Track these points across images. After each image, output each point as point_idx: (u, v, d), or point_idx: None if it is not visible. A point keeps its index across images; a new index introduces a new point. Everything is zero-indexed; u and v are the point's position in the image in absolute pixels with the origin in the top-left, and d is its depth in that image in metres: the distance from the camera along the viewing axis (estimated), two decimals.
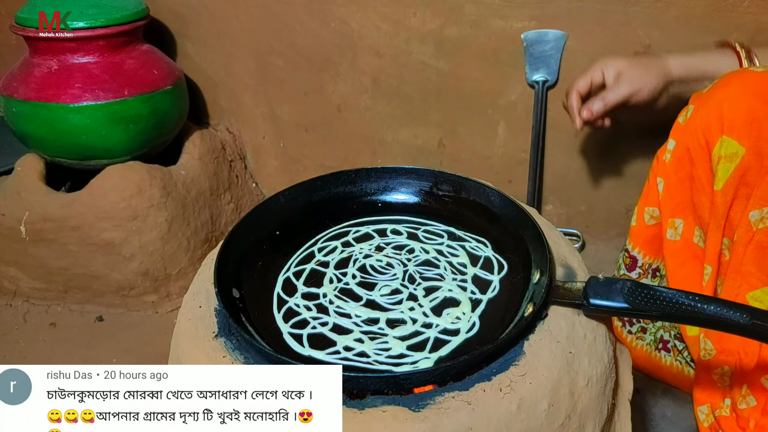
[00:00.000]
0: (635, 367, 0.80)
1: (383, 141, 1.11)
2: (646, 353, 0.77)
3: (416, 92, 1.04)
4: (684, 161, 0.64)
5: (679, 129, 0.64)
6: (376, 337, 0.50)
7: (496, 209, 0.64)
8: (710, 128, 0.59)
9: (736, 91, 0.58)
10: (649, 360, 0.77)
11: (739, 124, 0.57)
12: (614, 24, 0.90)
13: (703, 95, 0.63)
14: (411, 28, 0.98)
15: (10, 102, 0.93)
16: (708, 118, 0.60)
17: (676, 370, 0.75)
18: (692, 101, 0.64)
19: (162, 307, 1.01)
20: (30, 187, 0.96)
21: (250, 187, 1.24)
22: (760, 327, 0.40)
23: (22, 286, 1.02)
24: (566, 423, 0.44)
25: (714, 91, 0.61)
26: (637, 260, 0.74)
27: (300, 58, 1.08)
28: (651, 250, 0.73)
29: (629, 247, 0.74)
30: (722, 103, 0.58)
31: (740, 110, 0.57)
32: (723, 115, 0.58)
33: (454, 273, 0.57)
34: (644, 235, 0.72)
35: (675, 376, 0.75)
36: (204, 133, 1.14)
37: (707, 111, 0.60)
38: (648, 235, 0.72)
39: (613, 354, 0.52)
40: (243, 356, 0.46)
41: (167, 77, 1.01)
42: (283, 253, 0.61)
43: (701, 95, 0.63)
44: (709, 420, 0.64)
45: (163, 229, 0.97)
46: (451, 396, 0.42)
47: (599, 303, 0.46)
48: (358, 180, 0.69)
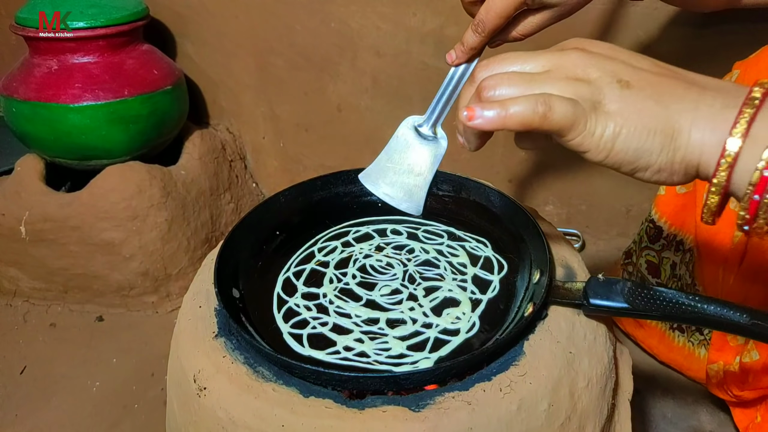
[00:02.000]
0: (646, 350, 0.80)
1: (383, 141, 1.10)
2: (660, 332, 0.76)
3: (416, 92, 1.04)
4: None
5: None
6: (376, 337, 0.50)
7: (496, 209, 0.64)
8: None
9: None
10: (663, 340, 0.76)
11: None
12: (614, 24, 0.90)
13: (749, 60, 0.62)
14: (411, 28, 0.98)
15: (10, 102, 0.93)
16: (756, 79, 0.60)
17: (688, 352, 0.75)
18: (737, 66, 0.63)
19: (162, 307, 1.01)
20: (30, 187, 0.96)
21: (250, 187, 1.24)
22: (760, 327, 0.40)
23: (22, 286, 1.02)
24: (566, 423, 0.44)
25: (763, 55, 0.60)
26: (662, 231, 0.72)
27: (300, 58, 1.08)
28: (678, 221, 0.70)
29: (655, 217, 0.72)
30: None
31: None
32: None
33: (454, 273, 0.57)
34: (673, 204, 0.69)
35: (686, 357, 0.75)
36: (204, 133, 1.14)
37: (755, 74, 0.59)
38: (677, 205, 0.69)
39: (614, 354, 0.52)
40: (243, 356, 0.46)
41: (167, 77, 1.01)
42: (283, 253, 0.61)
43: (747, 61, 0.62)
44: (718, 376, 0.65)
45: (163, 229, 0.97)
46: (451, 396, 0.42)
47: (599, 303, 0.46)
48: (358, 180, 0.69)
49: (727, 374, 0.63)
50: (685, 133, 0.32)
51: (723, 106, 0.32)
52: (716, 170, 0.31)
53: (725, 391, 0.65)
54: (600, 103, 0.34)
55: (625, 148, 0.33)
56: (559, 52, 0.37)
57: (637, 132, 0.33)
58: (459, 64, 0.53)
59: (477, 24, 0.50)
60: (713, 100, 0.32)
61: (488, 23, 0.49)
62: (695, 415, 0.76)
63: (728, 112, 0.31)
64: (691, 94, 0.33)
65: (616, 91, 0.34)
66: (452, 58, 0.52)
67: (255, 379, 0.44)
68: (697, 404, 0.77)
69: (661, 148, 0.33)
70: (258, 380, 0.44)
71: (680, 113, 0.32)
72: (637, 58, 0.36)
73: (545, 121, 0.33)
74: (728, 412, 0.71)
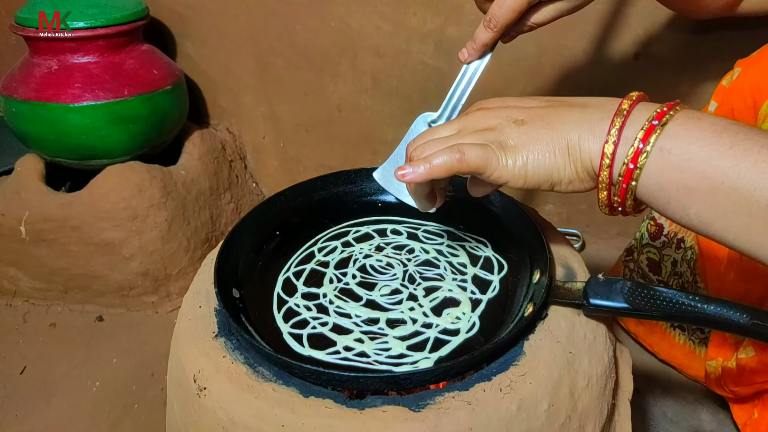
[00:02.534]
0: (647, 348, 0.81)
1: (383, 141, 1.11)
2: (661, 329, 0.77)
3: (416, 92, 1.04)
4: None
5: (723, 90, 0.64)
6: (376, 337, 0.50)
7: (496, 209, 0.64)
8: (760, 87, 0.59)
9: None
10: (664, 337, 0.77)
11: None
12: (614, 23, 0.90)
13: (751, 58, 0.63)
14: (411, 28, 0.98)
15: (10, 102, 0.93)
16: (758, 77, 0.60)
17: (689, 350, 0.75)
18: (738, 64, 0.64)
19: (162, 307, 1.01)
20: (30, 187, 0.96)
21: (250, 187, 1.24)
22: (760, 327, 0.40)
23: (22, 286, 1.02)
24: (566, 423, 0.44)
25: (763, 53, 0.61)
26: (663, 228, 0.72)
27: (300, 57, 1.08)
28: None
29: (656, 215, 0.73)
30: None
31: None
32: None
33: (454, 273, 0.57)
34: None
35: (686, 355, 0.76)
36: (204, 133, 1.14)
37: (758, 71, 0.60)
38: None
39: (614, 354, 0.52)
40: (243, 356, 0.46)
41: (167, 77, 1.01)
42: (283, 253, 0.61)
43: (749, 58, 0.63)
44: (717, 372, 0.65)
45: (163, 229, 0.97)
46: (451, 396, 0.42)
47: (599, 303, 0.46)
48: (358, 180, 0.69)
49: (725, 371, 0.63)
50: (577, 146, 0.39)
51: (599, 119, 0.39)
52: (600, 170, 0.39)
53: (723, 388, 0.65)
54: (504, 141, 0.41)
55: (537, 170, 0.40)
56: (464, 116, 0.45)
57: (541, 155, 0.40)
58: (471, 61, 0.55)
59: (489, 20, 0.51)
60: (592, 115, 0.39)
61: (501, 18, 0.50)
62: (696, 414, 0.76)
63: (604, 123, 0.38)
64: (575, 114, 0.40)
65: (515, 129, 0.41)
66: (464, 56, 0.55)
67: (255, 379, 0.44)
68: (698, 403, 0.77)
69: (564, 163, 0.40)
70: (258, 380, 0.44)
71: (569, 132, 0.39)
72: (527, 100, 0.44)
73: (463, 164, 0.40)
74: (728, 410, 0.71)
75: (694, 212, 0.36)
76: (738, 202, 0.33)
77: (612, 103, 0.39)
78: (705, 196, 0.35)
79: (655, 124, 0.36)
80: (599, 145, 0.38)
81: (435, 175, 0.41)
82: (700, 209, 0.35)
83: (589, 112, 0.39)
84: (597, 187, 0.39)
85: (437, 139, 0.43)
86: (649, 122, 0.36)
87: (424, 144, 0.43)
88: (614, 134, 0.37)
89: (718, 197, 0.34)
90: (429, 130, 0.46)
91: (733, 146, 0.34)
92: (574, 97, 0.43)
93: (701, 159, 0.34)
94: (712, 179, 0.34)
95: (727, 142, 0.34)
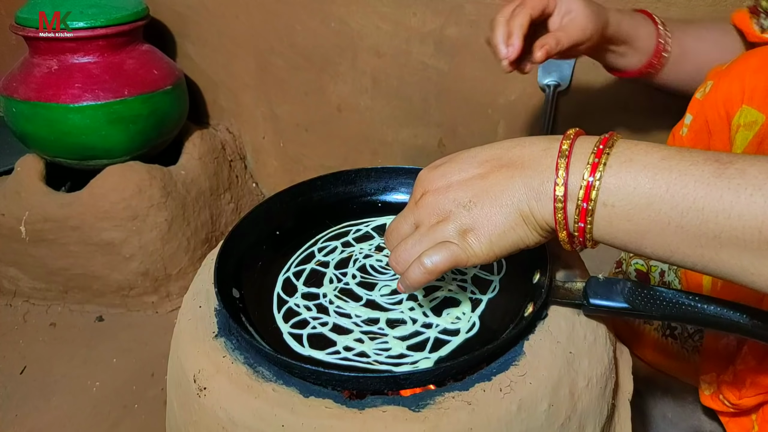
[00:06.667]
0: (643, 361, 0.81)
1: (383, 141, 1.11)
2: (653, 339, 0.77)
3: (416, 92, 1.04)
4: (702, 133, 0.64)
5: (697, 103, 0.64)
6: (376, 337, 0.50)
7: None
8: (731, 98, 0.60)
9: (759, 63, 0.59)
10: (657, 345, 0.77)
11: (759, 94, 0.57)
12: None
13: (722, 70, 0.63)
14: (411, 28, 0.98)
15: (10, 102, 0.93)
16: (729, 89, 0.60)
17: (683, 358, 0.75)
18: (710, 77, 0.64)
19: (162, 307, 1.01)
20: (30, 187, 0.96)
21: (250, 187, 1.24)
22: (760, 327, 0.40)
23: (22, 286, 1.02)
24: (566, 423, 0.44)
25: (735, 65, 0.61)
26: None
27: (300, 58, 1.08)
28: None
29: None
30: (744, 73, 0.59)
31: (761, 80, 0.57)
32: (744, 85, 0.58)
33: (454, 273, 0.57)
34: None
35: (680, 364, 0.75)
36: (204, 133, 1.14)
37: (729, 82, 0.60)
38: None
39: (614, 354, 0.52)
40: (243, 356, 0.46)
41: (167, 77, 1.01)
42: (283, 253, 0.61)
43: (720, 70, 0.63)
44: (712, 388, 0.65)
45: (163, 229, 0.97)
46: (451, 396, 0.42)
47: (599, 303, 0.46)
48: (358, 180, 0.69)
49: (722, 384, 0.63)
50: (530, 215, 0.40)
51: (541, 183, 0.39)
52: (555, 218, 0.40)
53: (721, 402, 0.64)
54: (461, 228, 0.42)
55: (504, 245, 0.41)
56: (416, 207, 0.45)
57: (501, 233, 0.41)
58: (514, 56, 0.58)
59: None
60: (532, 180, 0.40)
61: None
62: (695, 415, 0.76)
63: (547, 185, 0.39)
64: (516, 182, 0.41)
65: (467, 214, 0.42)
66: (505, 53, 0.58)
67: (255, 379, 0.44)
68: (697, 404, 0.77)
69: (525, 232, 0.41)
70: (258, 380, 0.44)
71: (518, 204, 0.40)
72: (465, 166, 0.43)
73: (435, 273, 0.42)
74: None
75: (650, 251, 0.38)
76: (687, 238, 0.35)
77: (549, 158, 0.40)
78: (656, 237, 0.36)
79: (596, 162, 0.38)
80: (549, 207, 0.39)
81: (417, 288, 0.44)
82: (654, 248, 0.37)
83: (529, 176, 0.40)
84: (556, 228, 0.40)
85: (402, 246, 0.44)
86: (591, 164, 0.38)
87: (396, 254, 0.44)
88: (561, 176, 0.38)
89: (668, 236, 0.36)
90: (392, 229, 0.47)
91: (669, 188, 0.35)
92: (507, 143, 0.43)
93: (643, 207, 0.36)
94: (658, 222, 0.36)
95: (663, 186, 0.35)
